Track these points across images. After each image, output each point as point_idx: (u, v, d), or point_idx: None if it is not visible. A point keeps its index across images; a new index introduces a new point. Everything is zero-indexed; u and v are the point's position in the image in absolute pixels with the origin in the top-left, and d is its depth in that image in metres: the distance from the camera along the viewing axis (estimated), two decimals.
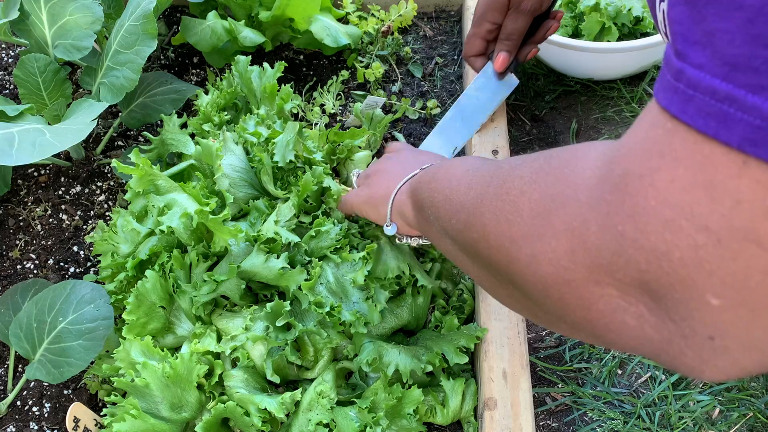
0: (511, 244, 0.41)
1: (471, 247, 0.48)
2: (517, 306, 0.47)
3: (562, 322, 0.41)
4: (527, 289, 0.41)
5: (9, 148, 0.79)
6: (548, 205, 0.38)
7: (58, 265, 0.98)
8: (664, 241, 0.31)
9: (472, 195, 0.49)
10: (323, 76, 1.19)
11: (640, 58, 1.09)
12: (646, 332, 0.35)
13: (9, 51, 1.29)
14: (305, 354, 0.79)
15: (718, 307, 0.31)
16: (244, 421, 0.71)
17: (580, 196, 0.36)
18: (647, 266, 0.32)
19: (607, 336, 0.37)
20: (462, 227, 0.50)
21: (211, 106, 0.96)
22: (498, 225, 0.43)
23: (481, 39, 0.93)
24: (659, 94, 0.32)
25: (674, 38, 0.31)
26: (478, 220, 0.46)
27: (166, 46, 1.24)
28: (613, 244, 0.34)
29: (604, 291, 0.35)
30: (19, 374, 0.89)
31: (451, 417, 0.78)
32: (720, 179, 0.29)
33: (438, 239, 0.59)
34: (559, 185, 0.38)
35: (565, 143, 1.12)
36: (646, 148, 0.32)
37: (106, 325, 0.77)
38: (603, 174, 0.35)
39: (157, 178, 0.79)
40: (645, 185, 0.32)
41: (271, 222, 0.80)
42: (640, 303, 0.34)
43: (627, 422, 0.84)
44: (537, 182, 0.41)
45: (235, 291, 0.79)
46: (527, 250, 0.40)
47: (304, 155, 0.89)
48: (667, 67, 0.32)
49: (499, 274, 0.45)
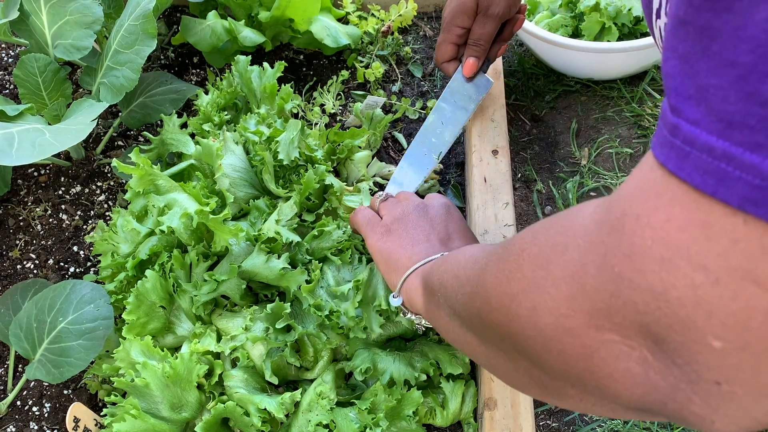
0: (511, 300, 0.41)
1: (475, 317, 0.48)
2: (527, 379, 0.44)
3: (567, 384, 0.39)
4: (529, 348, 0.40)
5: (9, 148, 0.79)
6: (548, 256, 0.38)
7: (58, 265, 0.98)
8: (661, 281, 0.30)
9: (477, 267, 0.48)
10: (323, 76, 1.19)
11: (640, 58, 1.09)
12: (652, 378, 0.34)
13: (9, 51, 1.29)
14: (305, 355, 0.79)
15: (720, 350, 0.30)
16: (244, 421, 0.71)
17: (578, 241, 0.36)
18: (645, 307, 0.32)
19: (612, 387, 0.36)
20: (467, 299, 0.49)
21: (211, 105, 0.96)
22: (499, 285, 0.43)
23: (452, 44, 0.92)
24: (656, 150, 0.31)
25: (668, 93, 0.31)
26: (482, 286, 0.46)
27: (166, 46, 1.24)
28: (611, 285, 0.33)
29: (605, 337, 0.34)
30: (19, 374, 0.89)
31: (451, 418, 0.78)
32: (716, 218, 0.28)
33: (448, 325, 0.57)
34: (558, 236, 0.38)
35: (565, 143, 1.12)
36: (643, 190, 0.32)
37: (106, 325, 0.77)
38: (601, 218, 0.35)
39: (158, 178, 0.79)
40: (642, 225, 0.31)
41: (272, 221, 0.80)
42: (643, 347, 0.33)
43: (627, 422, 0.84)
44: (537, 237, 0.40)
45: (236, 291, 0.79)
46: (527, 304, 0.39)
47: (306, 153, 0.89)
48: (663, 122, 0.31)
49: (503, 341, 0.44)
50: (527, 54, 1.25)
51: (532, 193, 1.06)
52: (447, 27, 0.91)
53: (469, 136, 0.99)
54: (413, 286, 0.67)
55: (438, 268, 0.60)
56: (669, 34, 0.31)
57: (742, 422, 0.32)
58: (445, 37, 0.92)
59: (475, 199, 0.91)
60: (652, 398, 0.34)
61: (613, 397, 0.36)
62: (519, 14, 0.94)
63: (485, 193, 0.91)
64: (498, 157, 0.95)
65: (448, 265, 0.58)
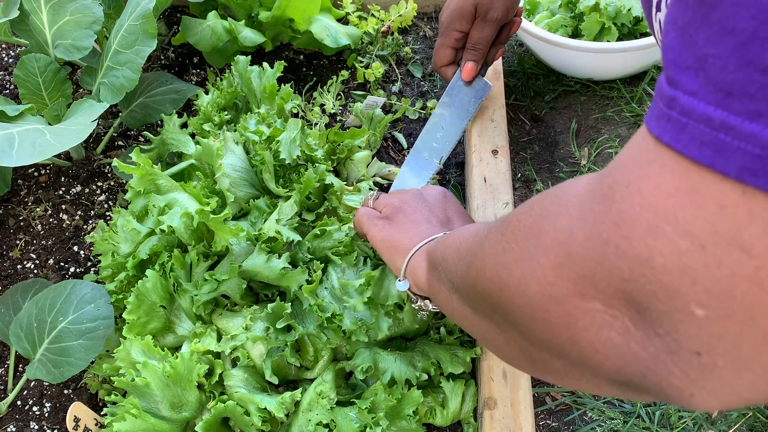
0: (503, 269, 0.41)
1: (471, 287, 0.48)
2: (516, 351, 0.45)
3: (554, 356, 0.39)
4: (517, 317, 0.40)
5: (9, 149, 0.79)
6: (540, 225, 0.38)
7: (58, 265, 0.99)
8: (647, 247, 0.30)
9: (477, 239, 0.49)
10: (323, 76, 1.19)
11: (640, 58, 1.09)
12: (633, 349, 0.33)
13: (9, 51, 1.29)
14: (305, 354, 0.79)
15: (703, 318, 0.29)
16: (244, 420, 0.71)
17: (570, 210, 0.36)
18: (630, 274, 0.31)
19: (594, 357, 0.36)
20: (464, 270, 0.50)
21: (211, 105, 0.96)
22: (495, 255, 0.43)
23: (450, 48, 0.93)
24: (651, 123, 0.31)
25: (666, 65, 0.31)
26: (479, 257, 0.46)
27: (167, 46, 1.24)
28: (597, 252, 0.33)
29: (588, 305, 0.34)
30: (19, 374, 0.89)
31: (451, 418, 0.78)
32: (705, 185, 0.28)
33: (446, 299, 0.58)
34: (551, 206, 0.38)
35: (565, 143, 1.12)
36: (634, 159, 0.32)
37: (106, 325, 0.77)
38: (593, 187, 0.35)
39: (158, 178, 0.79)
40: (631, 192, 0.31)
41: (272, 221, 0.80)
42: (625, 317, 0.33)
43: (627, 422, 0.84)
44: (533, 208, 0.40)
45: (236, 290, 0.79)
46: (517, 273, 0.39)
47: (306, 153, 0.89)
48: (659, 96, 0.31)
49: (495, 312, 0.44)
50: (527, 54, 1.25)
51: (532, 193, 1.07)
52: (445, 31, 0.91)
53: (469, 136, 1.00)
54: (417, 263, 0.67)
55: (442, 244, 0.61)
56: (671, 6, 0.31)
57: (722, 396, 0.32)
58: (443, 41, 0.92)
59: (475, 199, 0.91)
60: (632, 369, 0.34)
61: (595, 368, 0.36)
62: (516, 17, 0.95)
63: (485, 193, 0.92)
64: (498, 157, 0.95)
65: (450, 240, 0.58)
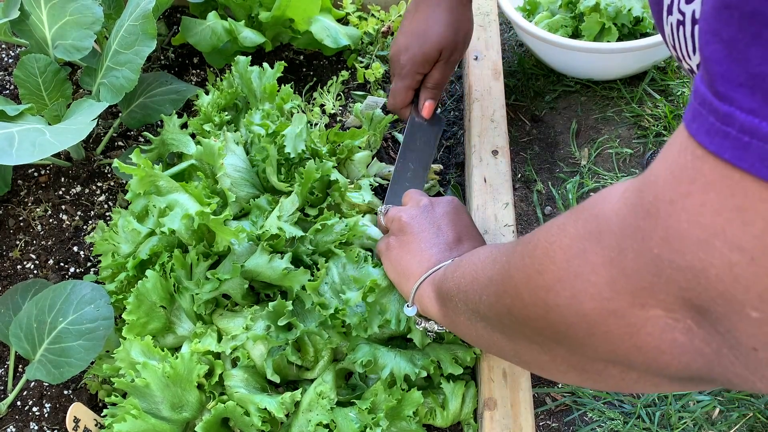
0: (547, 292, 0.42)
1: (505, 315, 0.49)
2: (564, 367, 0.46)
3: (611, 363, 0.41)
4: (571, 334, 0.41)
5: (9, 148, 0.79)
6: (582, 245, 0.39)
7: (58, 266, 0.98)
8: (699, 260, 0.32)
9: (498, 266, 0.50)
10: (323, 77, 1.19)
11: (640, 58, 1.09)
12: (697, 345, 0.36)
13: (9, 51, 1.29)
14: (305, 354, 0.79)
15: (757, 319, 0.32)
16: (244, 420, 0.71)
17: (613, 227, 0.37)
18: (687, 284, 0.33)
19: (660, 359, 0.37)
20: (493, 300, 0.50)
21: (211, 106, 0.96)
22: (529, 280, 0.44)
23: (412, 90, 0.92)
24: (700, 136, 0.32)
25: (713, 78, 0.31)
26: (509, 284, 0.47)
27: (166, 46, 1.24)
28: (652, 266, 0.34)
29: (649, 313, 0.36)
30: (19, 374, 0.89)
31: (451, 419, 0.78)
32: (752, 203, 0.30)
33: (468, 328, 0.59)
34: (590, 224, 0.39)
35: (565, 143, 1.12)
36: (675, 175, 0.33)
37: (106, 326, 0.77)
38: (633, 202, 0.36)
39: (159, 179, 0.79)
40: (677, 209, 0.33)
41: (273, 218, 0.80)
42: (687, 318, 0.35)
43: (627, 422, 0.84)
44: (566, 229, 0.41)
45: (238, 290, 0.79)
46: (566, 293, 0.40)
47: (312, 147, 0.89)
48: (706, 107, 0.31)
49: (539, 335, 0.45)
50: (527, 54, 1.25)
51: (532, 193, 1.07)
52: (407, 74, 0.90)
53: (469, 136, 1.00)
54: (426, 293, 0.67)
55: (452, 274, 0.61)
56: (710, 17, 0.31)
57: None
58: (405, 83, 0.91)
59: (475, 200, 0.91)
60: (698, 364, 0.36)
61: (662, 369, 0.38)
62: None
63: (485, 193, 0.92)
64: (498, 157, 0.95)
65: (463, 269, 0.58)
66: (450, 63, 0.89)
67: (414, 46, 0.87)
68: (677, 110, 1.12)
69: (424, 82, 0.91)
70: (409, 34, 0.88)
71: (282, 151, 0.86)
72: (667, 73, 1.18)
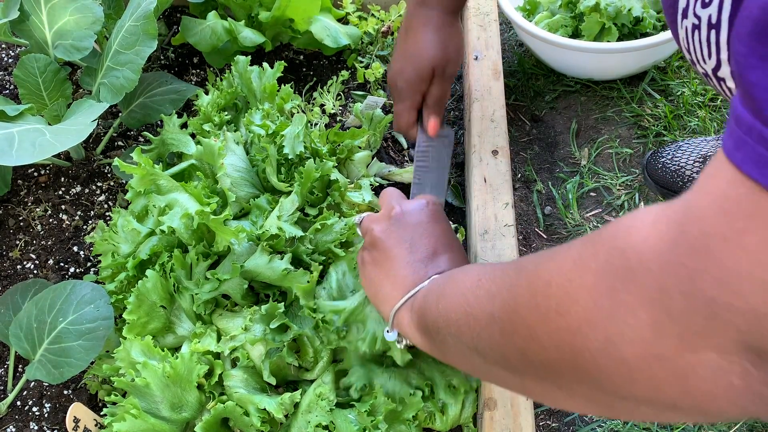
0: (573, 336, 0.38)
1: (515, 356, 0.45)
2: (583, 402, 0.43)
3: (650, 406, 0.38)
4: (604, 378, 0.38)
5: (9, 148, 0.79)
6: (611, 283, 0.36)
7: (58, 265, 0.99)
8: (763, 303, 0.30)
9: (499, 302, 0.46)
10: (323, 76, 1.19)
11: (640, 58, 1.09)
12: (756, 389, 0.33)
13: (9, 51, 1.29)
14: (305, 355, 0.79)
15: None
16: (244, 421, 0.71)
17: (649, 265, 0.34)
18: (747, 327, 0.31)
19: (713, 404, 0.35)
20: (498, 339, 0.46)
21: (211, 106, 0.96)
22: (547, 321, 0.40)
23: (414, 110, 0.92)
24: (748, 166, 0.30)
25: (761, 107, 0.30)
26: (519, 324, 0.43)
27: (166, 46, 1.24)
28: (705, 309, 0.32)
29: (701, 357, 0.33)
30: (19, 374, 0.89)
31: (451, 424, 0.77)
32: None
33: (461, 360, 0.55)
34: (615, 259, 0.36)
35: (565, 143, 1.12)
36: (725, 209, 0.31)
37: (106, 326, 0.77)
38: (674, 238, 0.33)
39: (159, 178, 0.79)
40: (732, 247, 0.30)
41: (273, 218, 0.80)
42: (744, 360, 0.33)
43: (626, 423, 0.84)
44: (586, 264, 0.38)
45: (237, 290, 0.79)
46: (598, 336, 0.37)
47: (312, 147, 0.89)
48: (750, 134, 0.30)
49: (559, 375, 0.42)
50: (527, 54, 1.25)
51: (532, 193, 1.07)
52: (406, 95, 0.89)
53: (469, 136, 1.00)
54: (405, 321, 0.63)
55: (435, 305, 0.56)
56: (752, 41, 0.30)
57: None
58: (406, 104, 0.90)
59: (475, 199, 0.91)
60: (756, 407, 0.34)
61: (714, 414, 0.36)
62: None
63: (485, 193, 0.92)
64: (498, 157, 0.95)
65: (449, 301, 0.54)
66: (446, 78, 0.89)
67: (407, 68, 0.88)
68: (677, 110, 1.12)
69: (425, 100, 0.91)
70: (402, 58, 0.88)
71: (281, 151, 0.86)
72: (667, 73, 1.18)
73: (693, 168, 0.98)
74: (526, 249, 1.00)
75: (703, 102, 1.13)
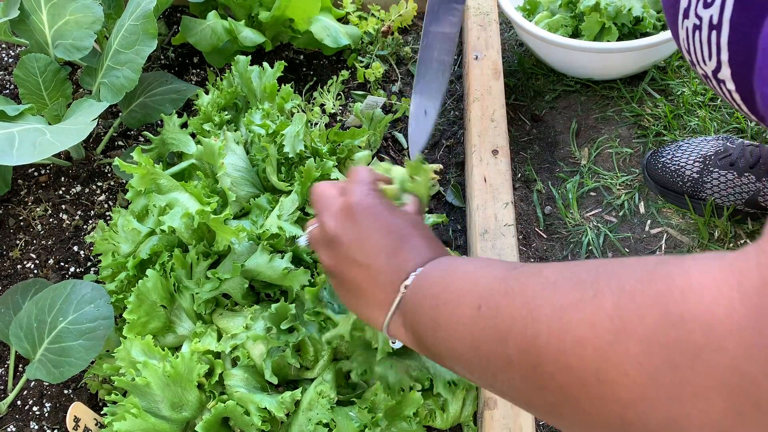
0: (623, 409, 0.33)
1: (545, 408, 0.40)
2: None
3: None
4: None
5: (9, 148, 0.79)
6: (670, 358, 0.31)
7: (58, 265, 0.98)
8: None
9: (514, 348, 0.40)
10: (323, 76, 1.19)
11: (640, 58, 1.09)
12: None
13: (9, 51, 1.29)
14: (305, 354, 0.79)
15: None
16: (244, 420, 0.71)
17: (723, 343, 0.29)
18: None
19: None
20: (520, 385, 0.40)
21: (211, 105, 0.96)
22: (588, 387, 0.35)
23: None
24: None
25: None
26: (549, 380, 0.37)
27: (167, 46, 1.24)
28: None
29: None
30: (19, 374, 0.89)
31: (451, 421, 0.77)
32: None
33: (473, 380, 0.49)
34: (673, 331, 0.31)
35: (565, 143, 1.12)
36: None
37: (106, 325, 0.77)
38: (752, 308, 0.28)
39: (159, 177, 0.79)
40: None
41: (273, 217, 0.80)
42: None
43: None
44: (629, 330, 0.32)
45: (238, 290, 0.79)
46: (656, 416, 0.32)
47: (312, 146, 0.89)
48: None
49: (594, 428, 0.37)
50: (527, 54, 1.25)
51: (532, 193, 1.07)
52: None
53: (469, 136, 1.00)
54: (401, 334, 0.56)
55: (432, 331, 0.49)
56: None
57: None
58: None
59: (475, 199, 0.91)
60: None
61: None
62: None
63: (485, 193, 0.92)
64: (498, 157, 0.95)
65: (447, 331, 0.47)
66: None
67: None
68: (677, 110, 1.12)
69: None
70: None
71: (282, 150, 0.86)
72: (667, 72, 1.18)
73: (693, 168, 0.98)
74: (526, 248, 1.00)
75: (703, 102, 1.13)
